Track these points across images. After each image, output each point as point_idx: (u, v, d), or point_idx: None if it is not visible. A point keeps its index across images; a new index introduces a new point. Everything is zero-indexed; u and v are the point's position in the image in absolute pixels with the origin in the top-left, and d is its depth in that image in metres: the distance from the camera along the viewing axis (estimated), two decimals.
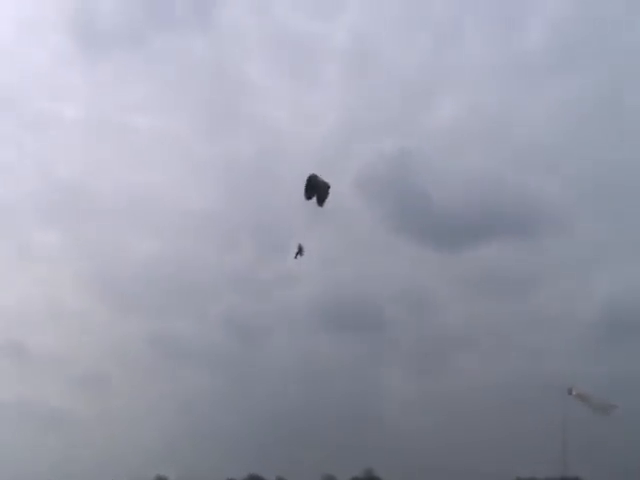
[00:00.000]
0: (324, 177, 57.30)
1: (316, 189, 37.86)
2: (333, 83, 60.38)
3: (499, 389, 68.38)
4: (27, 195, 74.68)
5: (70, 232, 76.29)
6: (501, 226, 68.05)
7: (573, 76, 63.07)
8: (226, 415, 73.83)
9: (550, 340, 68.12)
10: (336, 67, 60.92)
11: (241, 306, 78.91)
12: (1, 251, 75.47)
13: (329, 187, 37.80)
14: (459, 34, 59.21)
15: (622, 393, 61.91)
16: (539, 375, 65.76)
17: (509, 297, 74.78)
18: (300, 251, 39.18)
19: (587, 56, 62.38)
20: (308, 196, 37.82)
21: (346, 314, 77.04)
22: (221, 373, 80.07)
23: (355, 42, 59.88)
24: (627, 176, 67.21)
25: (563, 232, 69.43)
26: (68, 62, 70.00)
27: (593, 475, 64.26)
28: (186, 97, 65.91)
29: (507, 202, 63.83)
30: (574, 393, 65.68)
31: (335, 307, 78.31)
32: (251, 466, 72.95)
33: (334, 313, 78.38)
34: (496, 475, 65.97)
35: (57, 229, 77.10)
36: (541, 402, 64.28)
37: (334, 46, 58.98)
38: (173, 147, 68.56)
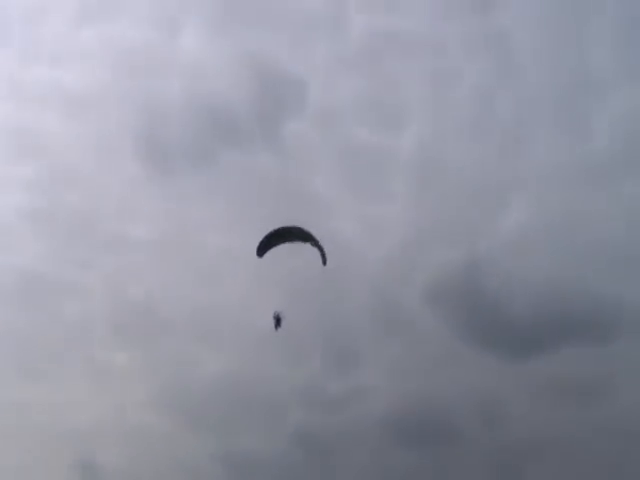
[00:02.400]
0: (393, 288, 55.27)
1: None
2: (399, 194, 60.64)
3: None
4: (99, 314, 75.59)
5: (139, 350, 76.58)
6: (575, 331, 66.80)
7: None
8: None
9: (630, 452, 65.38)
10: (402, 178, 61.36)
11: (309, 421, 77.56)
12: (71, 369, 75.90)
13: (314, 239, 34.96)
14: (524, 139, 59.57)
15: None
16: None
17: (585, 405, 72.55)
18: (279, 321, 36.07)
19: None
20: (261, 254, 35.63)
21: (416, 427, 75.16)
22: None
23: (420, 153, 60.42)
24: None
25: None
26: (138, 184, 71.92)
27: None
28: (252, 213, 66.96)
29: (580, 306, 62.84)
30: None
31: (404, 420, 76.49)
32: None
33: (403, 426, 76.47)
34: None
35: (127, 347, 77.56)
36: None
37: (399, 157, 59.50)
38: (240, 263, 69.29)
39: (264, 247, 35.82)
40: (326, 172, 66.62)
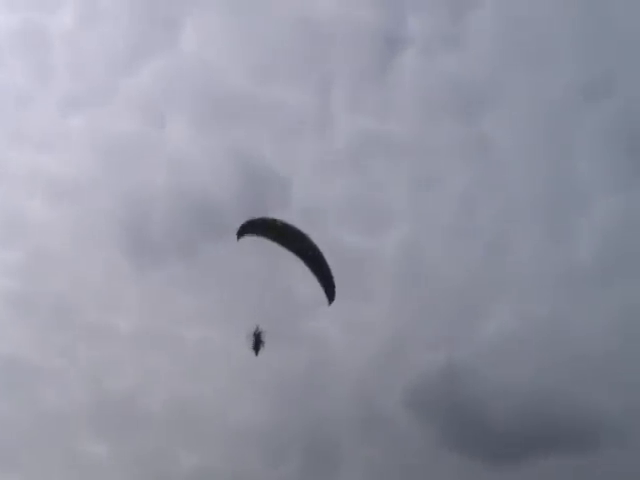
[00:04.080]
0: (373, 390, 54.10)
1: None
2: (381, 296, 60.83)
3: None
4: (77, 404, 74.69)
5: (117, 443, 75.48)
6: (557, 438, 65.88)
7: (625, 284, 63.00)
8: None
9: None
10: (384, 280, 61.60)
11: None
12: (50, 460, 74.70)
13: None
14: (506, 246, 59.86)
15: None
16: None
17: None
18: (258, 342, 27.93)
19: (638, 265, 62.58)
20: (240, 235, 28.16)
21: None
22: None
23: (403, 256, 60.65)
24: None
25: (619, 444, 66.88)
26: (120, 274, 71.95)
27: None
28: (233, 308, 66.79)
29: (560, 415, 62.24)
30: None
31: None
32: None
33: None
34: None
35: (105, 440, 76.30)
36: None
37: (382, 259, 59.79)
38: (221, 359, 68.95)
39: (248, 229, 28.39)
40: (308, 270, 66.11)
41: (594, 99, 59.15)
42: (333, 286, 29.76)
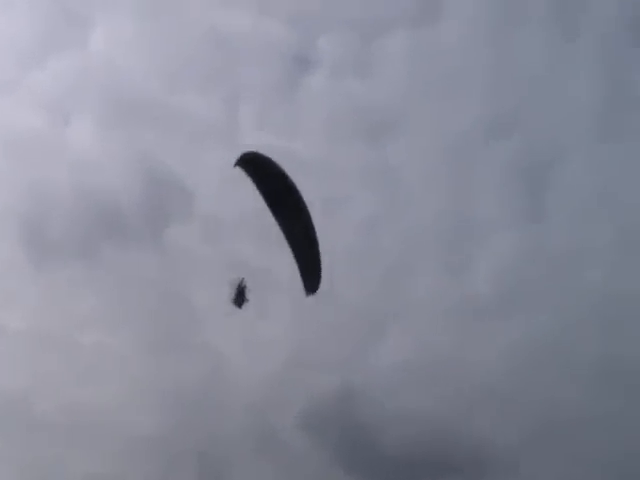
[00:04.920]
0: (270, 410, 53.13)
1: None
2: (282, 314, 59.94)
3: None
4: None
5: (4, 447, 71.57)
6: (450, 466, 66.28)
7: (520, 318, 64.42)
8: None
9: None
10: (283, 298, 60.70)
11: None
12: None
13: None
14: (408, 271, 60.27)
15: None
16: None
17: None
18: (242, 292, 25.28)
19: (533, 300, 64.11)
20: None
21: None
22: None
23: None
24: (573, 416, 66.83)
25: (509, 473, 67.95)
26: (18, 271, 68.75)
27: None
28: (134, 314, 64.92)
29: (456, 442, 62.72)
30: None
31: None
32: None
33: None
34: None
35: None
36: None
37: (283, 276, 58.79)
38: (117, 365, 66.53)
39: (245, 163, 24.00)
40: (206, 282, 65.35)
41: (498, 136, 60.41)
42: (319, 273, 25.26)
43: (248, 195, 60.89)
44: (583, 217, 53.83)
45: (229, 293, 25.46)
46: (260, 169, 24.60)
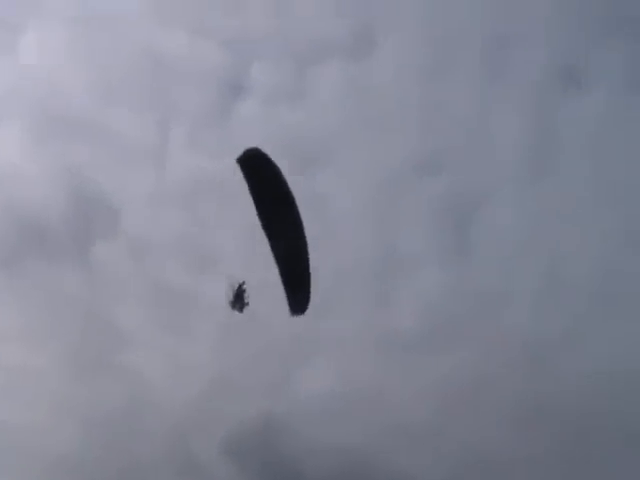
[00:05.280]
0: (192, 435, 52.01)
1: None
2: (207, 338, 58.89)
3: None
4: None
5: None
6: None
7: (444, 354, 64.52)
8: None
9: None
10: (208, 322, 59.75)
11: None
12: None
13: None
14: (334, 302, 59.96)
15: None
16: None
17: None
18: (242, 295, 23.84)
19: (458, 336, 64.50)
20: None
21: None
22: None
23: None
24: (495, 454, 67.12)
25: None
26: None
27: None
28: (57, 332, 62.80)
29: (376, 476, 62.42)
30: None
31: None
32: None
33: None
34: None
35: None
36: None
37: (208, 300, 58.01)
38: (37, 384, 64.13)
39: (249, 163, 22.60)
40: (130, 303, 64.13)
41: (427, 172, 61.08)
42: (308, 293, 22.99)
43: (176, 216, 59.75)
44: (508, 257, 54.56)
45: (227, 296, 24.08)
46: (261, 170, 23.08)
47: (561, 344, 49.53)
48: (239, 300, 24.37)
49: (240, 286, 24.21)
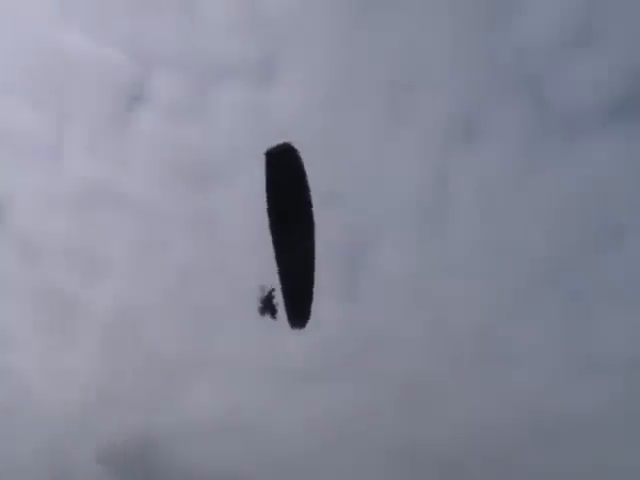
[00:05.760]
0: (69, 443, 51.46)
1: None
2: (92, 346, 57.58)
3: None
4: None
5: None
6: None
7: (328, 391, 64.94)
8: None
9: None
10: (94, 331, 58.47)
11: None
12: None
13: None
14: (220, 324, 59.91)
15: None
16: None
17: None
18: (270, 304, 22.79)
19: (342, 375, 65.03)
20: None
21: None
22: None
23: (116, 310, 58.10)
24: None
25: None
26: None
27: None
28: None
29: None
30: None
31: None
32: None
33: None
34: None
35: None
36: None
37: (94, 309, 57.05)
38: None
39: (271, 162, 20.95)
40: (15, 304, 62.42)
41: (322, 207, 62.07)
42: (310, 303, 21.95)
43: (67, 220, 58.83)
44: (395, 302, 55.28)
45: (257, 303, 23.19)
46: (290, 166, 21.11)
47: (439, 389, 50.86)
48: (270, 306, 23.36)
49: (270, 292, 23.06)
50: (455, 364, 51.93)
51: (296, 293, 22.07)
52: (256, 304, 22.88)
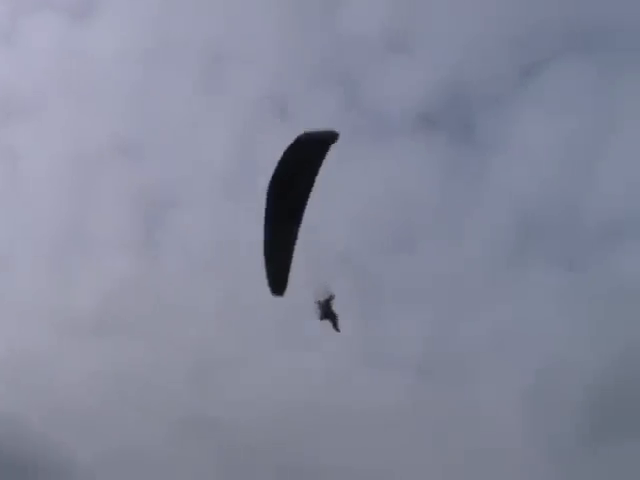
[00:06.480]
0: None
1: None
2: None
3: None
4: None
5: None
6: None
7: (116, 343, 63.08)
8: None
9: None
10: None
11: None
12: None
13: None
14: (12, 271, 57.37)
15: None
16: None
17: None
18: (330, 310, 21.53)
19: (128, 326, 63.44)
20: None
21: None
22: None
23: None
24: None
25: None
26: None
27: None
28: None
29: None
30: None
31: None
32: None
33: None
34: None
35: None
36: None
37: None
38: None
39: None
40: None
41: (129, 158, 60.41)
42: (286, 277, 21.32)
43: None
44: (195, 270, 54.40)
45: (316, 310, 21.97)
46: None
47: (229, 366, 50.85)
48: (330, 314, 21.99)
49: (329, 300, 21.74)
50: (253, 342, 51.81)
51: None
52: (315, 309, 21.80)
